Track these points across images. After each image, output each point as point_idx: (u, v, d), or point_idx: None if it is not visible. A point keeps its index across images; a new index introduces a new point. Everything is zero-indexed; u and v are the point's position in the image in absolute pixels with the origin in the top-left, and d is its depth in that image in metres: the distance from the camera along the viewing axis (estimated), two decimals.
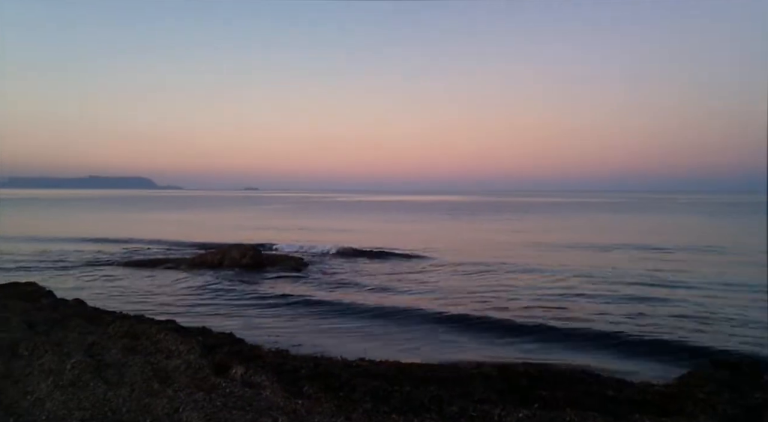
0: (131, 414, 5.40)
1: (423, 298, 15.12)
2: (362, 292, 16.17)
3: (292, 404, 5.73)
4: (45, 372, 6.52)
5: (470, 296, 15.36)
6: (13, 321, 9.56)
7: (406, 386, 6.64)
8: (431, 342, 10.62)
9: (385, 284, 17.51)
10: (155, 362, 7.11)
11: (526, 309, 13.58)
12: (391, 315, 12.99)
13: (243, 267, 20.53)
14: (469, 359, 9.05)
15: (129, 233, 36.53)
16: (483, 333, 11.34)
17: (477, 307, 13.74)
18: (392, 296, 15.49)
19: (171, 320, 11.08)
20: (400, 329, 11.66)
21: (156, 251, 26.57)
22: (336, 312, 13.44)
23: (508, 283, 17.08)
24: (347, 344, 10.28)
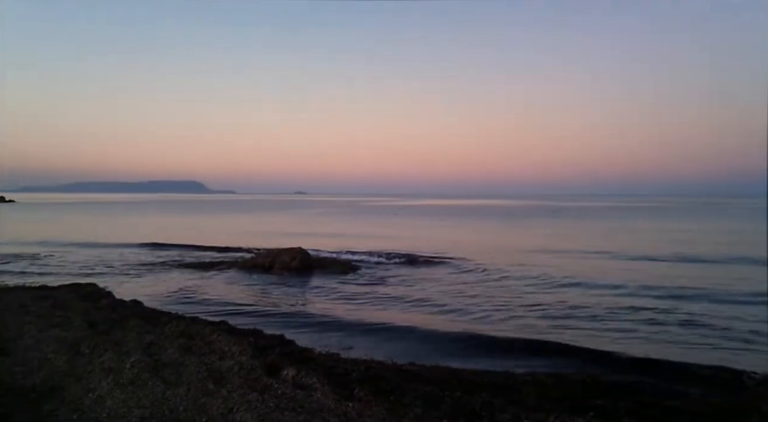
0: (188, 413, 5.52)
1: (472, 306, 14.97)
2: (409, 294, 16.11)
3: (343, 407, 5.75)
4: (105, 371, 6.74)
5: (527, 307, 15.13)
6: (75, 320, 9.95)
7: (457, 392, 6.58)
8: (481, 348, 10.46)
9: (432, 288, 17.39)
10: (209, 362, 7.27)
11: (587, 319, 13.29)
12: (443, 319, 12.92)
13: (292, 270, 20.76)
14: (522, 366, 8.87)
15: (182, 237, 37.52)
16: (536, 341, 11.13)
17: (536, 319, 13.50)
18: (442, 300, 15.35)
19: (224, 321, 11.30)
20: (448, 332, 11.54)
21: (208, 254, 27.20)
22: (383, 315, 13.43)
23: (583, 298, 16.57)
24: (397, 347, 10.24)
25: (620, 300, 14.96)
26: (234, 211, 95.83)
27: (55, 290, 14.48)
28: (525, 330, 11.89)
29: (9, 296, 12.99)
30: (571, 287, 17.33)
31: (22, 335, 8.71)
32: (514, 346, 10.50)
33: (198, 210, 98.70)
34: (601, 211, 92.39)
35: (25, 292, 13.87)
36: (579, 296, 15.66)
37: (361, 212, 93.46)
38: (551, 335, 11.40)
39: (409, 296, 15.93)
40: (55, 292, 14.10)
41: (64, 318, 10.17)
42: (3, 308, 11.21)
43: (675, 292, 16.10)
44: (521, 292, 16.47)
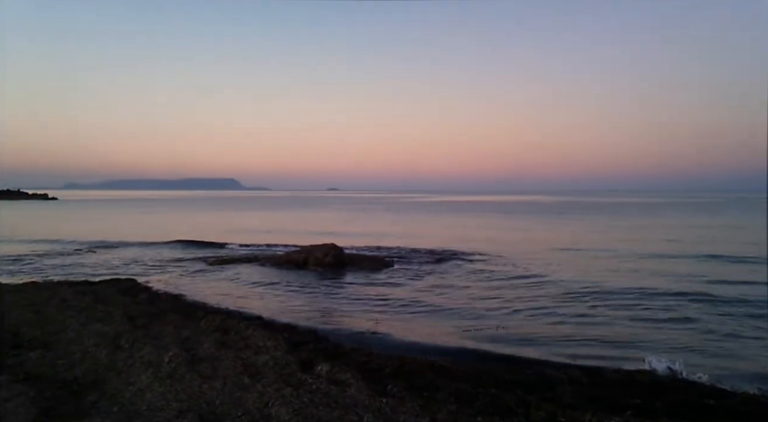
0: (224, 406, 5.60)
1: (506, 302, 14.85)
2: (441, 291, 16.04)
3: (377, 402, 5.76)
4: (145, 364, 6.88)
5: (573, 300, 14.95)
6: (115, 314, 10.18)
7: (491, 389, 6.52)
8: (513, 345, 10.35)
9: (463, 285, 17.30)
10: (245, 357, 7.36)
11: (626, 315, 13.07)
12: (476, 316, 12.84)
13: (326, 266, 20.86)
14: (556, 363, 8.75)
15: (217, 233, 38.12)
16: (576, 339, 10.95)
17: (576, 316, 13.34)
18: (474, 297, 15.26)
19: (258, 316, 11.46)
20: (483, 333, 11.46)
21: (243, 250, 27.55)
22: (419, 311, 13.41)
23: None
24: (429, 343, 10.20)
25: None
26: (267, 208, 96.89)
27: (95, 285, 14.87)
28: (556, 329, 11.73)
29: (52, 290, 13.37)
30: (608, 290, 17.00)
31: (65, 328, 8.96)
32: (547, 344, 10.39)
33: (232, 207, 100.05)
34: (636, 208, 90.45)
35: (67, 287, 14.26)
36: (631, 298, 15.35)
37: (394, 208, 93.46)
38: (586, 332, 11.24)
39: (441, 293, 15.87)
40: (95, 287, 14.48)
41: (104, 312, 10.43)
42: (46, 303, 11.54)
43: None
44: (551, 292, 16.23)
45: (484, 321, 12.33)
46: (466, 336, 11.02)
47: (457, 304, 14.23)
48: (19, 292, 13.29)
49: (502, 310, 13.46)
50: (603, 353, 9.85)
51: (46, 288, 13.95)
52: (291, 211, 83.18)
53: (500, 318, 12.58)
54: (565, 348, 10.11)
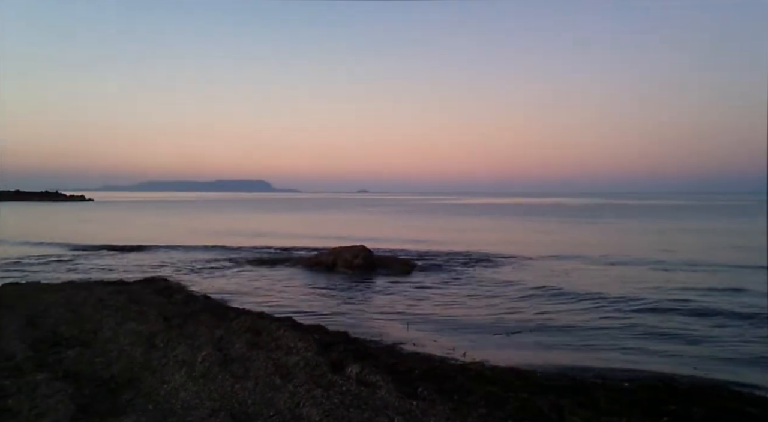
0: (256, 406, 5.67)
1: (533, 306, 14.71)
2: (470, 293, 15.95)
3: (407, 404, 5.76)
4: (179, 363, 7.01)
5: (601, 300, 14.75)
6: (150, 314, 10.39)
7: (523, 392, 6.46)
8: (549, 349, 10.23)
9: (492, 288, 17.16)
10: (276, 357, 7.44)
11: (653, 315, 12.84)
12: (507, 320, 12.74)
13: (355, 268, 20.91)
14: (591, 368, 8.61)
15: (249, 234, 38.60)
16: (610, 341, 10.78)
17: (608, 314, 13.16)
18: (507, 300, 15.13)
19: (289, 317, 11.53)
20: (514, 337, 11.35)
21: (273, 252, 27.81)
22: (448, 314, 13.35)
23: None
24: (459, 345, 10.16)
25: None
26: (297, 210, 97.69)
27: (130, 285, 15.18)
28: (590, 334, 11.57)
29: (88, 290, 13.69)
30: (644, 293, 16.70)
31: (101, 327, 9.17)
32: (581, 350, 10.25)
33: (263, 209, 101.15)
34: (671, 210, 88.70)
35: (102, 287, 14.59)
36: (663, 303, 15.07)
37: (423, 210, 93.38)
38: (624, 343, 11.06)
39: (470, 295, 15.78)
40: (130, 287, 14.78)
41: (139, 311, 10.64)
42: (83, 302, 11.83)
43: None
44: (586, 298, 16.01)
45: (515, 324, 12.21)
46: (497, 339, 10.94)
47: (487, 307, 14.14)
48: (57, 291, 13.64)
49: (533, 314, 13.31)
50: (638, 359, 9.66)
51: (82, 288, 14.29)
52: (321, 213, 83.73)
53: (532, 322, 12.45)
54: (601, 354, 9.94)
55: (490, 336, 11.24)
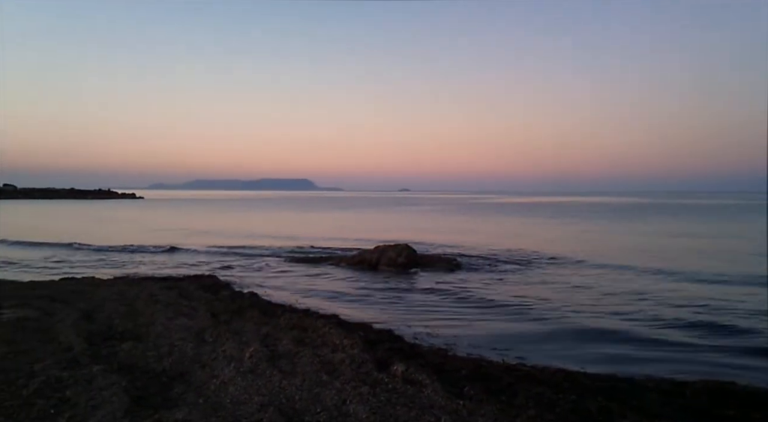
0: (303, 402, 5.71)
1: (585, 305, 14.41)
2: (519, 294, 15.71)
3: (454, 404, 5.71)
4: (227, 359, 7.13)
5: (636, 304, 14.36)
6: (199, 310, 10.62)
7: (572, 394, 6.32)
8: (598, 352, 9.99)
9: (545, 289, 16.89)
10: (322, 354, 7.49)
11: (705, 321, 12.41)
12: (554, 321, 12.51)
13: (398, 266, 20.89)
14: (642, 372, 8.35)
15: (293, 233, 39.07)
16: (660, 346, 10.45)
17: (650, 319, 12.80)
18: (555, 301, 14.85)
19: (334, 315, 11.61)
20: (565, 335, 11.14)
21: (317, 250, 28.05)
22: (493, 313, 13.21)
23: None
24: (505, 346, 10.02)
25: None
26: (341, 208, 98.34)
27: (179, 282, 15.55)
28: (640, 337, 11.26)
29: (140, 286, 14.10)
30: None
31: (153, 322, 9.42)
32: (633, 347, 9.99)
33: (307, 207, 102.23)
34: (710, 210, 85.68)
35: (153, 282, 14.99)
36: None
37: (467, 209, 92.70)
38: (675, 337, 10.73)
39: (516, 295, 15.55)
40: (179, 283, 15.14)
41: (189, 307, 10.89)
42: (135, 297, 12.18)
43: None
44: (640, 301, 15.59)
45: (563, 325, 11.99)
46: (544, 339, 10.75)
47: (533, 307, 13.91)
48: (110, 286, 14.11)
49: (582, 315, 13.02)
50: (692, 363, 9.34)
51: (134, 283, 14.72)
52: (363, 211, 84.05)
53: (580, 323, 12.19)
54: (653, 356, 9.65)
55: (536, 335, 11.06)
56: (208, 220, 59.07)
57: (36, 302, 11.43)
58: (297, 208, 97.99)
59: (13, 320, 9.68)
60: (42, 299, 11.73)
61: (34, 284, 14.85)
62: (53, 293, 12.81)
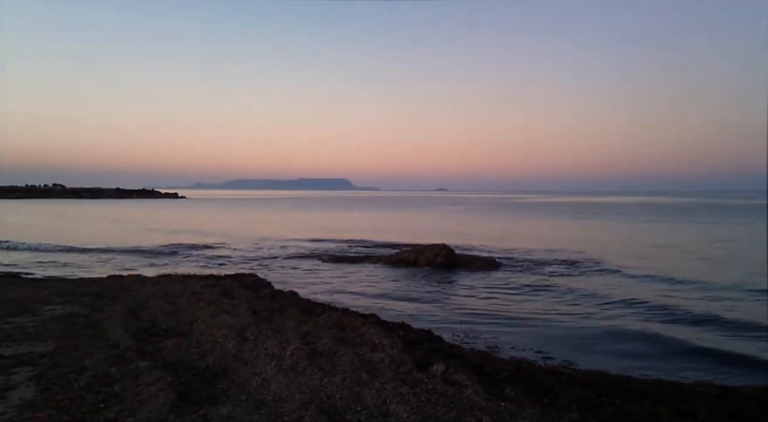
0: (344, 401, 5.74)
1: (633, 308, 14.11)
2: (560, 297, 15.47)
3: (495, 405, 5.65)
4: (269, 356, 7.21)
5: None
6: (240, 307, 10.78)
7: (616, 398, 6.20)
8: (643, 356, 9.76)
9: (591, 291, 16.52)
10: (362, 353, 7.51)
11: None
12: (594, 323, 12.29)
13: (437, 266, 20.84)
14: (689, 377, 8.11)
15: (331, 232, 39.36)
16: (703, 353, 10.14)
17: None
18: (598, 304, 14.57)
19: (373, 314, 11.63)
20: (608, 339, 10.91)
21: (355, 249, 28.20)
22: (532, 315, 13.03)
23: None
24: (546, 349, 9.88)
25: None
26: (378, 207, 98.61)
27: (221, 280, 15.82)
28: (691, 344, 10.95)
29: (183, 283, 14.39)
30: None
31: (197, 319, 9.60)
32: (680, 352, 9.72)
33: (344, 206, 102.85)
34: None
35: (196, 280, 15.29)
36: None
37: (504, 208, 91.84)
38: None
39: (557, 298, 15.33)
40: (221, 281, 15.40)
41: (230, 305, 11.06)
42: (179, 294, 12.45)
43: None
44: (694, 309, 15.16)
45: (606, 328, 11.75)
46: (587, 342, 10.56)
47: (574, 310, 13.70)
48: (155, 284, 14.45)
49: (626, 319, 12.73)
50: (744, 368, 9.04)
51: (178, 281, 15.04)
52: (400, 211, 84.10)
53: (624, 327, 11.92)
54: (700, 362, 9.37)
55: (575, 337, 10.88)
56: (248, 219, 60.01)
57: (84, 298, 11.79)
58: (334, 207, 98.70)
59: (64, 316, 10.00)
60: (90, 296, 12.09)
61: (83, 282, 15.33)
62: (100, 290, 13.20)
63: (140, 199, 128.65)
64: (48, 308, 10.67)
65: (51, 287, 13.75)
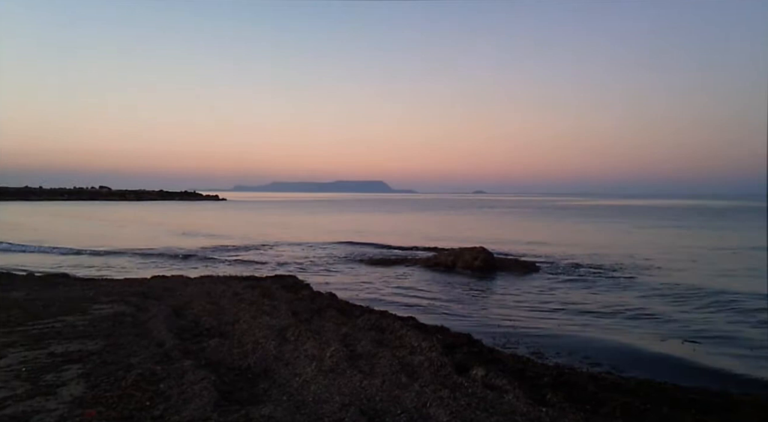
0: (383, 403, 5.75)
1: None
2: (600, 301, 15.16)
3: (536, 411, 5.58)
4: (309, 358, 7.28)
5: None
6: (280, 309, 10.90)
7: (662, 406, 6.04)
8: (687, 362, 9.49)
9: (635, 296, 16.21)
10: (401, 356, 7.51)
11: None
12: (636, 329, 12.02)
13: (475, 269, 20.67)
14: (738, 388, 7.85)
15: (369, 234, 39.49)
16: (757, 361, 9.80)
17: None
18: (642, 309, 14.24)
19: (411, 317, 11.61)
20: (653, 345, 10.64)
21: (393, 252, 28.22)
22: (573, 319, 12.82)
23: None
24: (589, 354, 9.70)
25: None
26: (415, 210, 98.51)
27: (261, 281, 16.05)
28: (740, 351, 10.60)
29: (225, 284, 14.65)
30: None
31: (238, 320, 9.76)
32: (729, 362, 9.42)
33: (381, 209, 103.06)
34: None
35: (237, 281, 15.54)
36: None
37: (544, 212, 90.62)
38: None
39: (597, 302, 15.03)
40: (261, 282, 15.63)
41: (271, 306, 11.20)
42: (221, 295, 12.68)
43: None
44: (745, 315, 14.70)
45: (649, 334, 11.47)
46: (630, 349, 10.31)
47: (614, 314, 13.41)
48: (198, 284, 14.75)
49: (671, 325, 12.39)
50: None
51: (220, 282, 15.32)
52: (437, 214, 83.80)
53: (669, 334, 11.61)
54: (749, 372, 9.07)
55: (621, 347, 10.62)
56: (287, 221, 60.69)
57: (130, 298, 12.11)
58: (372, 210, 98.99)
59: (111, 315, 10.30)
60: (136, 296, 12.42)
61: (129, 282, 15.75)
62: (145, 290, 13.54)
63: (182, 201, 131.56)
64: (96, 308, 11.01)
65: (99, 287, 14.19)
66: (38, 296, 12.42)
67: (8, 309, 10.62)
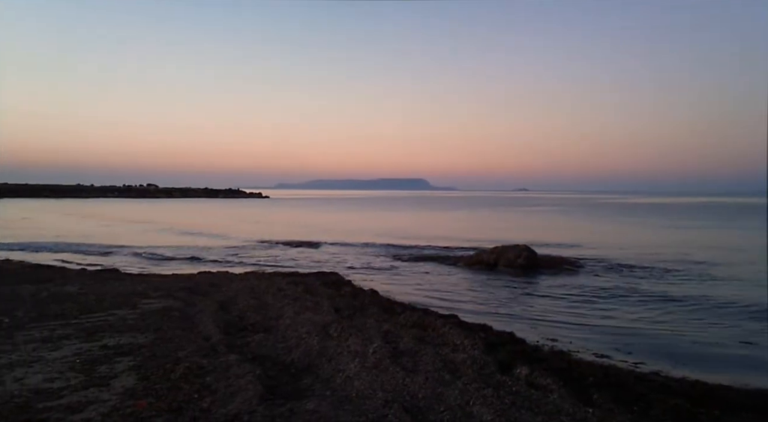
0: (426, 400, 5.74)
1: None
2: (650, 301, 14.78)
3: (582, 412, 5.49)
4: (352, 354, 7.33)
5: None
6: (323, 305, 11.00)
7: (715, 409, 5.86)
8: (738, 365, 9.17)
9: (687, 297, 15.73)
10: (443, 354, 7.49)
11: None
12: (685, 329, 11.68)
13: (518, 268, 20.39)
14: None
15: (410, 232, 39.47)
16: None
17: None
18: (695, 311, 13.84)
19: (453, 315, 11.55)
20: (704, 347, 10.32)
21: (434, 250, 28.09)
22: (622, 319, 12.53)
23: None
24: (636, 354, 9.48)
25: None
26: (456, 208, 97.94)
27: (304, 277, 16.21)
28: None
29: (269, 280, 14.86)
30: None
31: (282, 315, 9.90)
32: None
33: (422, 206, 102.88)
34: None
35: (281, 278, 15.74)
36: None
37: (589, 209, 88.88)
38: None
39: (646, 303, 14.66)
40: (305, 279, 15.78)
41: (313, 302, 11.32)
42: (265, 291, 12.87)
43: None
44: None
45: (700, 335, 11.13)
46: (680, 349, 10.04)
47: (663, 315, 13.04)
48: (242, 280, 15.01)
49: (720, 328, 12.00)
50: None
51: (263, 278, 15.54)
52: (479, 211, 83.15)
53: (719, 334, 11.26)
54: None
55: (668, 347, 10.34)
56: (328, 218, 61.15)
57: (178, 293, 12.42)
58: (413, 207, 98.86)
59: (160, 309, 10.59)
60: (183, 291, 12.72)
61: (177, 277, 16.16)
62: (192, 285, 13.85)
63: (226, 199, 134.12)
64: (146, 302, 11.34)
65: (148, 282, 14.59)
66: (91, 290, 12.85)
67: (62, 303, 11.04)
